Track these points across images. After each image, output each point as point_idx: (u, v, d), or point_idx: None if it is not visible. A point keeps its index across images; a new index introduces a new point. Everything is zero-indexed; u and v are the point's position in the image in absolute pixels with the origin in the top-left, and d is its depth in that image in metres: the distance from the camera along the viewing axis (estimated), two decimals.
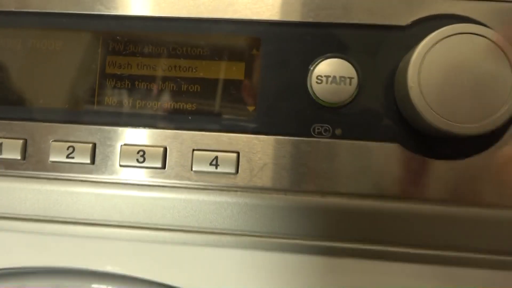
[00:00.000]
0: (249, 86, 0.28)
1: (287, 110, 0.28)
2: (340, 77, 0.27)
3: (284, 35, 0.28)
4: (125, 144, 0.28)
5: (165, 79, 0.28)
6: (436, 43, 0.24)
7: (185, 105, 0.28)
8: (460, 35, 0.24)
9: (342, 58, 0.27)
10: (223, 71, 0.28)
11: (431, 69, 0.24)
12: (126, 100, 0.28)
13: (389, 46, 0.27)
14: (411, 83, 0.24)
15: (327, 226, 0.27)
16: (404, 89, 0.25)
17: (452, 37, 0.24)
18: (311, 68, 0.27)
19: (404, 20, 0.27)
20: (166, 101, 0.28)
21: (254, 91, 0.28)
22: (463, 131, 0.24)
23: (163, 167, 0.28)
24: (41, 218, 0.29)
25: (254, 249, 0.28)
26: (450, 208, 0.27)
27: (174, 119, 0.28)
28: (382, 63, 0.27)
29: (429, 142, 0.27)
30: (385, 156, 0.27)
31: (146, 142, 0.28)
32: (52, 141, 0.28)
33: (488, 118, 0.23)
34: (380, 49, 0.27)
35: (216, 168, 0.27)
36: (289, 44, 0.28)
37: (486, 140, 0.26)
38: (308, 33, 0.28)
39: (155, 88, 0.28)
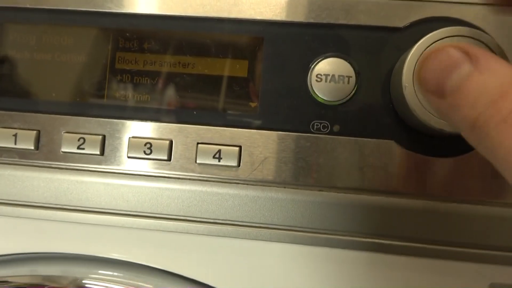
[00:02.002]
0: (252, 83, 0.29)
1: (287, 107, 0.29)
2: (339, 76, 0.28)
3: (286, 35, 0.29)
4: (133, 137, 0.29)
5: (171, 75, 0.30)
6: (431, 44, 0.25)
7: (190, 101, 0.30)
8: (454, 37, 0.25)
9: (341, 57, 0.28)
10: (227, 68, 0.29)
11: None
12: (134, 95, 0.30)
13: (387, 46, 0.28)
14: (405, 83, 0.25)
15: (324, 219, 0.29)
16: (399, 88, 0.26)
17: (446, 39, 0.25)
18: (311, 67, 0.28)
19: (402, 22, 0.28)
20: (172, 96, 0.30)
21: (257, 88, 0.29)
22: (455, 129, 0.25)
23: (169, 159, 0.29)
24: (52, 205, 0.31)
25: (254, 239, 0.30)
26: (442, 204, 0.28)
27: (180, 114, 0.29)
28: (380, 63, 0.28)
29: (423, 140, 0.28)
30: (381, 152, 0.28)
31: (153, 135, 0.29)
32: (64, 132, 0.30)
33: None
34: (378, 49, 0.28)
35: (219, 161, 0.29)
36: (290, 43, 0.29)
37: None
38: (309, 33, 0.29)
39: (161, 83, 0.30)
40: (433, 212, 0.28)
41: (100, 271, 0.33)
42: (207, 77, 0.30)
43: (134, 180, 0.30)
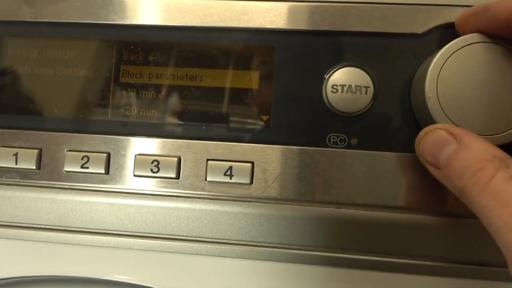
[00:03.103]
0: (263, 95, 0.28)
1: (301, 120, 0.27)
2: (356, 86, 0.26)
3: (298, 44, 0.28)
4: (139, 154, 0.28)
5: (178, 88, 0.28)
6: (454, 52, 0.24)
7: (198, 115, 0.28)
8: (478, 44, 0.24)
9: (357, 67, 0.27)
10: (237, 80, 0.28)
11: (449, 79, 0.24)
12: (139, 109, 0.28)
13: (405, 54, 0.27)
14: (428, 93, 0.24)
15: (343, 237, 0.27)
16: (421, 99, 0.24)
17: (470, 46, 0.24)
18: (326, 77, 0.27)
19: (420, 28, 0.27)
20: (179, 111, 0.28)
21: (268, 100, 0.28)
22: None
23: (177, 177, 0.28)
24: (56, 227, 0.29)
25: (268, 260, 0.28)
26: (471, 220, 0.26)
27: (188, 129, 0.28)
28: (398, 71, 0.27)
29: None
30: (403, 166, 0.26)
31: (160, 152, 0.28)
32: (67, 150, 0.28)
33: (507, 130, 0.23)
34: (396, 57, 0.27)
35: (231, 178, 0.27)
36: (303, 53, 0.28)
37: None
38: (322, 42, 0.27)
39: (168, 97, 0.28)
40: (459, 229, 0.26)
41: None
42: (216, 90, 0.28)
43: (141, 200, 0.28)
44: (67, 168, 0.28)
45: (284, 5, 0.28)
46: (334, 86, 0.27)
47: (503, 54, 0.23)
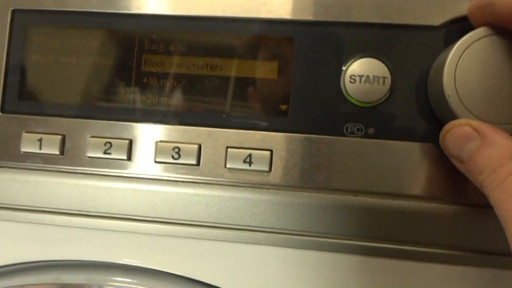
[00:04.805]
0: (282, 85, 0.28)
1: (320, 109, 0.28)
2: (374, 76, 0.27)
3: (317, 35, 0.28)
4: (160, 141, 0.29)
5: (199, 77, 0.29)
6: (467, 48, 0.24)
7: (218, 103, 0.29)
8: (486, 37, 0.24)
9: (375, 57, 0.27)
10: (256, 70, 0.29)
11: (466, 73, 0.24)
12: (161, 98, 0.29)
13: (422, 46, 0.27)
14: (448, 91, 0.24)
15: (359, 225, 0.28)
16: (439, 92, 0.25)
17: (480, 40, 0.24)
18: (344, 68, 0.27)
19: (437, 20, 0.27)
20: (200, 99, 0.29)
21: (287, 90, 0.28)
22: None
23: (198, 164, 0.28)
24: (78, 212, 0.30)
25: (286, 246, 0.29)
26: (483, 210, 0.27)
27: (209, 117, 0.29)
28: (415, 63, 0.27)
29: None
30: (419, 156, 0.27)
31: (181, 139, 0.29)
32: (90, 137, 0.29)
33: None
34: (413, 49, 0.27)
35: (250, 165, 0.28)
36: (322, 44, 0.28)
37: None
38: (340, 33, 0.28)
39: (189, 86, 0.29)
40: (476, 219, 0.27)
41: (117, 278, 0.32)
42: (236, 79, 0.29)
43: (161, 186, 0.29)
44: (89, 153, 0.29)
45: None
46: (352, 77, 0.27)
47: (500, 47, 0.24)
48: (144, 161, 0.29)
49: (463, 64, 0.24)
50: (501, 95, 0.24)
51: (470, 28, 0.25)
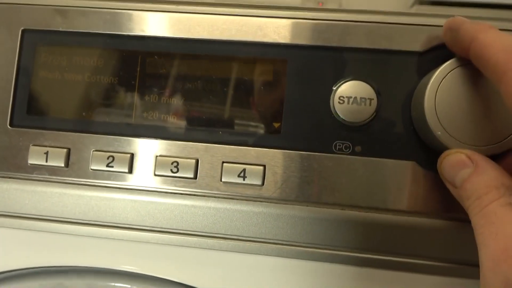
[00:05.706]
0: (275, 104, 0.30)
1: (310, 127, 0.30)
2: (361, 98, 0.29)
3: (309, 58, 0.30)
4: (160, 155, 0.30)
5: (197, 96, 0.31)
6: (445, 77, 0.26)
7: (216, 121, 0.31)
8: (457, 68, 0.26)
9: (363, 80, 0.29)
10: (252, 90, 0.30)
11: (446, 95, 0.26)
12: (161, 115, 0.31)
13: (407, 70, 0.29)
14: (428, 114, 0.26)
15: (347, 237, 0.29)
16: (421, 113, 0.26)
17: (454, 70, 0.26)
18: (334, 89, 0.29)
19: (422, 46, 0.29)
20: (198, 117, 0.31)
21: (280, 109, 0.30)
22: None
23: (195, 177, 0.30)
24: (81, 221, 0.32)
25: (277, 256, 0.30)
26: (464, 224, 0.28)
27: (206, 134, 0.30)
28: (400, 86, 0.29)
29: None
30: (402, 173, 0.29)
31: (180, 154, 0.30)
32: (93, 150, 0.31)
33: (499, 141, 0.25)
34: (398, 73, 0.29)
35: (244, 179, 0.29)
36: (313, 66, 0.30)
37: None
38: (332, 56, 0.30)
39: (188, 104, 0.31)
40: (453, 231, 0.29)
41: (123, 285, 0.34)
42: (232, 98, 0.30)
43: (160, 198, 0.31)
44: (93, 166, 0.31)
45: (296, 22, 0.30)
46: (341, 98, 0.29)
47: (476, 75, 0.26)
48: (144, 174, 0.30)
49: (442, 91, 0.26)
50: (475, 119, 0.26)
51: (451, 55, 0.27)
